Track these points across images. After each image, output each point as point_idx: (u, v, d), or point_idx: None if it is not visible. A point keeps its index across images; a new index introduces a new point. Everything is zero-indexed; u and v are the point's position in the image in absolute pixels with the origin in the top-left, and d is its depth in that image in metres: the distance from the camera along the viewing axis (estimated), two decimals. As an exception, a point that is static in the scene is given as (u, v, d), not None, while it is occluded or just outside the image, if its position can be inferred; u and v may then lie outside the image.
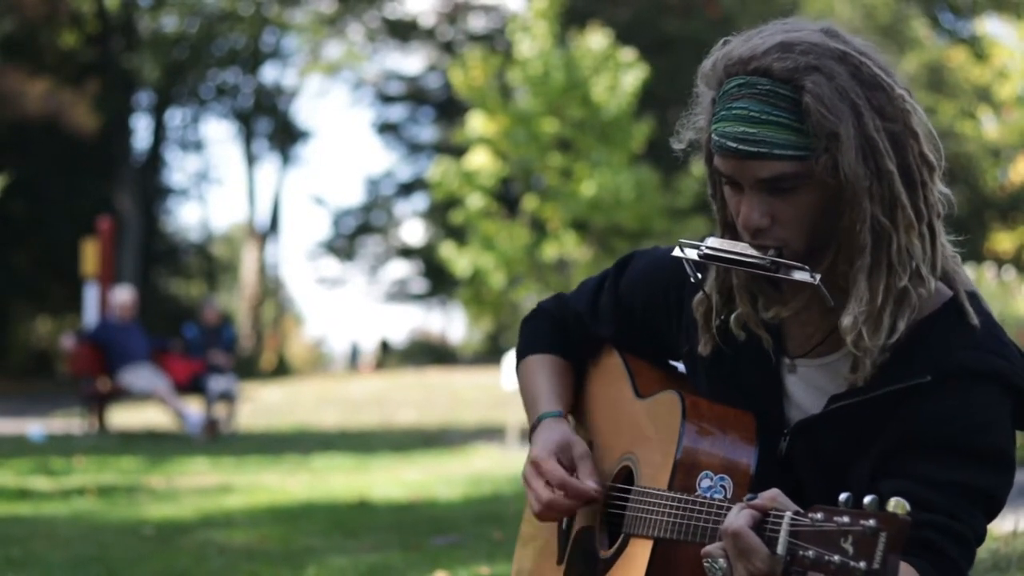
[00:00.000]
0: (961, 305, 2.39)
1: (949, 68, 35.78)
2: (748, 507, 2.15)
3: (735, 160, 2.34)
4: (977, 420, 2.32)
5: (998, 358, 2.35)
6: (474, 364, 36.44)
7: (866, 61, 2.34)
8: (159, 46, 36.60)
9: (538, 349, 2.95)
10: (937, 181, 2.40)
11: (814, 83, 2.28)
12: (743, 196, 2.37)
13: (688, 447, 2.50)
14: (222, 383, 16.04)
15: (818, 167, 2.29)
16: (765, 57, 2.32)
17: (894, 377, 2.34)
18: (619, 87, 22.40)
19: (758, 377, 2.54)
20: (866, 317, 2.32)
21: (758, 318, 2.51)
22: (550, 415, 2.82)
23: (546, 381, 2.89)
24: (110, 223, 19.85)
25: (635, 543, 2.55)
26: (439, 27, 44.74)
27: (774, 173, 2.31)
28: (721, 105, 2.36)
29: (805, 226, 2.35)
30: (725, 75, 2.37)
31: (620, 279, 2.83)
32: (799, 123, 2.29)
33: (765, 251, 2.37)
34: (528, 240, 22.32)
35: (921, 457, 2.31)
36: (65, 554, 6.39)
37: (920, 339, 2.35)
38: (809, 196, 2.33)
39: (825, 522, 1.96)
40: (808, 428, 2.47)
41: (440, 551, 6.43)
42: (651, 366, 2.80)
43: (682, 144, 2.52)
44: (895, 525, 1.89)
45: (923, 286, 2.34)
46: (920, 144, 2.35)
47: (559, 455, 2.72)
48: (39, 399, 24.92)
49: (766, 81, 2.31)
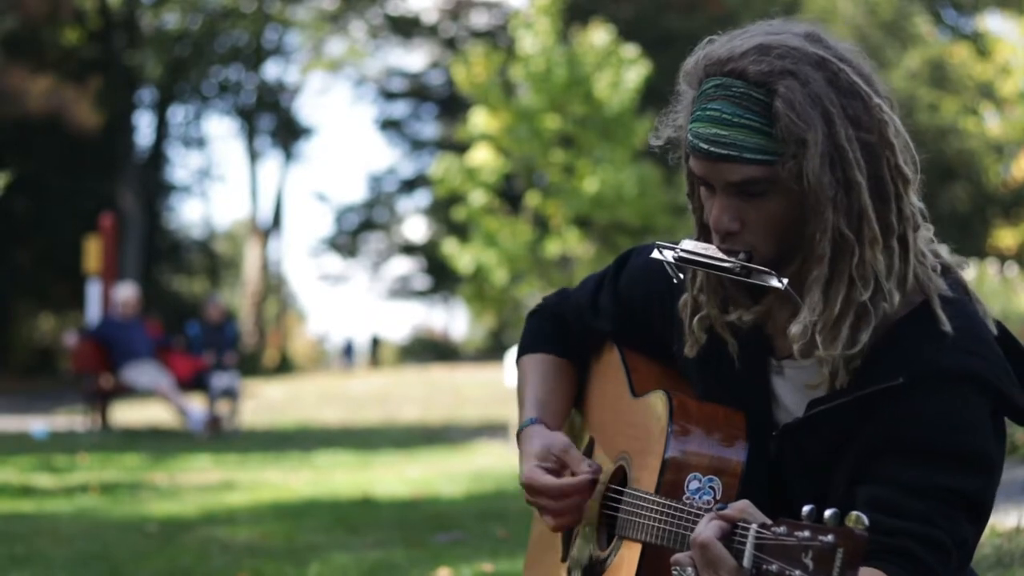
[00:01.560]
0: (933, 310, 2.34)
1: (952, 64, 35.76)
2: (717, 517, 2.14)
3: (707, 162, 2.33)
4: (953, 422, 2.28)
5: (973, 357, 2.31)
6: (477, 361, 36.46)
7: (845, 68, 2.31)
8: (161, 43, 36.62)
9: (536, 348, 2.95)
10: (912, 194, 2.35)
11: (787, 88, 2.26)
12: (715, 198, 2.37)
13: (675, 448, 2.49)
14: (225, 380, 16.04)
15: (783, 173, 2.28)
16: (742, 59, 2.31)
17: (868, 380, 2.32)
18: (621, 84, 22.38)
19: (745, 379, 2.53)
20: (822, 327, 2.30)
21: (724, 321, 2.50)
22: (525, 425, 2.83)
23: (533, 386, 2.89)
24: (113, 220, 19.86)
25: (626, 546, 2.56)
26: (441, 24, 44.74)
27: (743, 177, 2.30)
28: (698, 105, 2.36)
29: (773, 232, 2.34)
30: (704, 75, 2.36)
31: (619, 276, 2.83)
32: (769, 127, 2.28)
33: (735, 255, 2.35)
34: (531, 237, 22.30)
35: (896, 461, 2.29)
36: (68, 551, 6.40)
37: (892, 343, 2.32)
38: (778, 202, 2.32)
39: (787, 536, 1.97)
40: (792, 431, 2.45)
41: (443, 548, 6.43)
42: (649, 363, 2.79)
43: (659, 141, 2.51)
44: (852, 540, 1.90)
45: (886, 301, 2.30)
46: (895, 156, 2.31)
47: (544, 463, 2.72)
48: (42, 396, 24.94)
49: (740, 84, 2.30)
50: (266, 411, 20.15)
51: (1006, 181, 35.95)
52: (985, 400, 2.32)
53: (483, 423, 16.99)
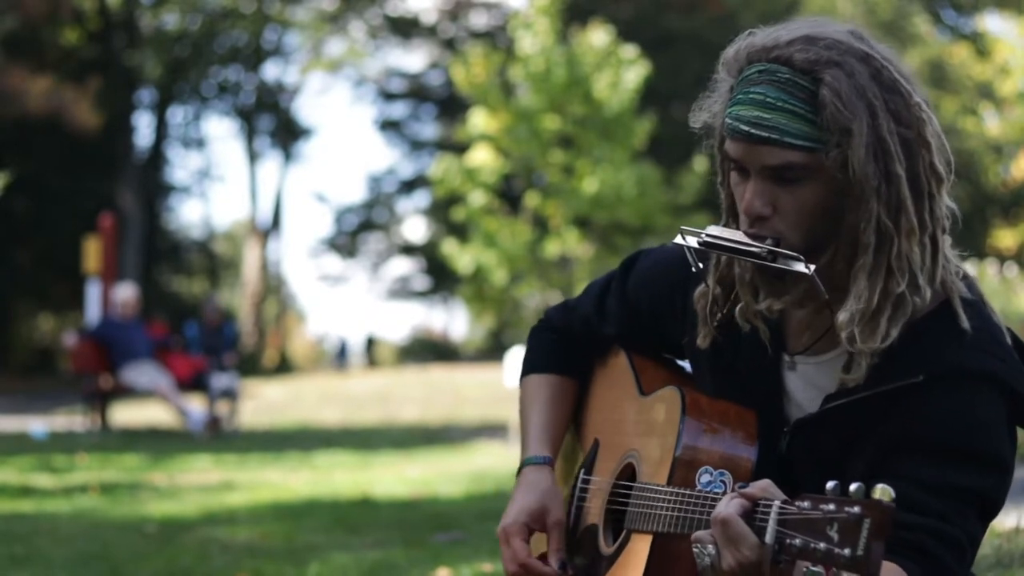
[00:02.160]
0: (954, 309, 2.36)
1: (951, 65, 35.80)
2: (739, 496, 2.14)
3: (745, 144, 2.34)
4: (970, 421, 2.30)
5: (993, 358, 2.33)
6: (476, 361, 36.48)
7: (888, 66, 2.33)
8: (161, 43, 36.63)
9: (539, 368, 2.96)
10: (945, 195, 2.37)
11: (833, 77, 2.28)
12: (749, 182, 2.37)
13: (688, 443, 2.50)
14: (224, 380, 16.05)
15: (828, 161, 2.28)
16: (788, 47, 2.33)
17: (887, 377, 2.33)
18: (621, 84, 22.39)
19: (757, 373, 2.54)
20: (861, 317, 2.31)
21: (755, 310, 2.50)
22: (533, 461, 2.84)
23: (538, 414, 2.91)
24: (112, 220, 19.86)
25: (636, 539, 2.56)
26: (441, 24, 44.76)
27: (782, 161, 2.31)
28: (739, 90, 2.36)
29: (805, 220, 2.34)
30: (747, 61, 2.37)
31: (627, 279, 2.83)
32: (814, 115, 2.29)
33: (762, 240, 2.35)
34: (530, 237, 22.31)
35: (913, 458, 2.30)
36: (68, 551, 6.40)
37: (913, 340, 2.33)
38: (813, 190, 2.32)
39: (812, 510, 1.96)
40: (805, 427, 2.46)
41: (442, 548, 6.43)
42: (657, 364, 2.80)
43: (698, 124, 2.51)
44: (879, 511, 1.88)
45: (919, 295, 2.32)
46: (932, 155, 2.34)
47: (531, 524, 2.76)
48: (41, 396, 24.95)
49: (786, 70, 2.31)
50: (266, 411, 20.16)
51: (1005, 181, 35.96)
52: (1002, 401, 2.33)
53: (483, 423, 16.99)
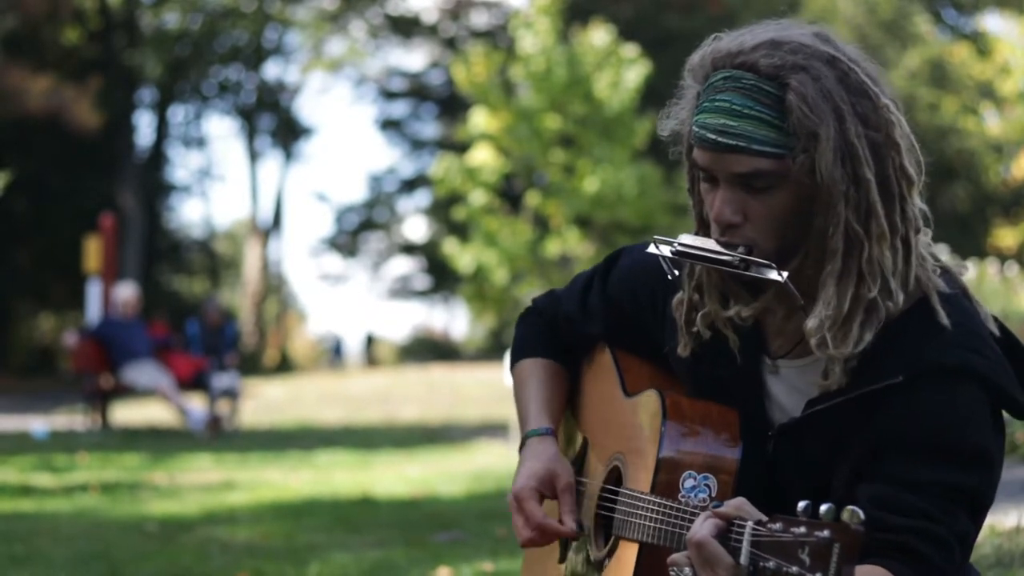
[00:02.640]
0: (932, 306, 2.34)
1: (952, 64, 35.78)
2: (713, 515, 2.14)
3: (713, 152, 2.32)
4: (952, 418, 2.29)
5: (972, 353, 2.31)
6: (477, 360, 36.45)
7: (855, 68, 2.31)
8: (161, 43, 36.61)
9: (530, 353, 2.94)
10: (915, 196, 2.35)
11: (799, 82, 2.26)
12: (718, 191, 2.36)
13: (670, 447, 2.49)
14: (225, 380, 16.05)
15: (795, 166, 2.27)
16: (753, 53, 2.31)
17: (867, 379, 2.32)
18: (621, 83, 22.40)
19: (739, 378, 2.53)
20: (832, 323, 2.30)
21: (724, 317, 2.49)
22: (536, 433, 2.82)
23: (536, 391, 2.88)
24: (113, 220, 19.86)
25: (624, 546, 2.56)
26: (442, 23, 44.73)
27: (750, 168, 2.30)
28: (705, 97, 2.35)
29: (776, 226, 2.33)
30: (712, 68, 2.36)
31: (608, 276, 2.81)
32: (780, 121, 2.28)
33: (734, 248, 2.34)
34: (531, 236, 22.33)
35: (897, 458, 2.29)
36: (68, 551, 6.39)
37: (892, 340, 2.32)
38: (783, 196, 2.31)
39: (783, 532, 1.97)
40: (789, 431, 2.45)
41: (443, 547, 6.43)
42: (641, 363, 2.78)
43: (666, 132, 2.50)
44: (848, 535, 1.90)
45: (891, 299, 2.31)
46: (901, 157, 2.32)
47: (541, 489, 2.73)
48: (42, 396, 24.94)
49: (751, 76, 2.30)
50: (266, 411, 20.16)
51: (1006, 181, 35.96)
52: (984, 396, 2.32)
53: (483, 423, 16.98)
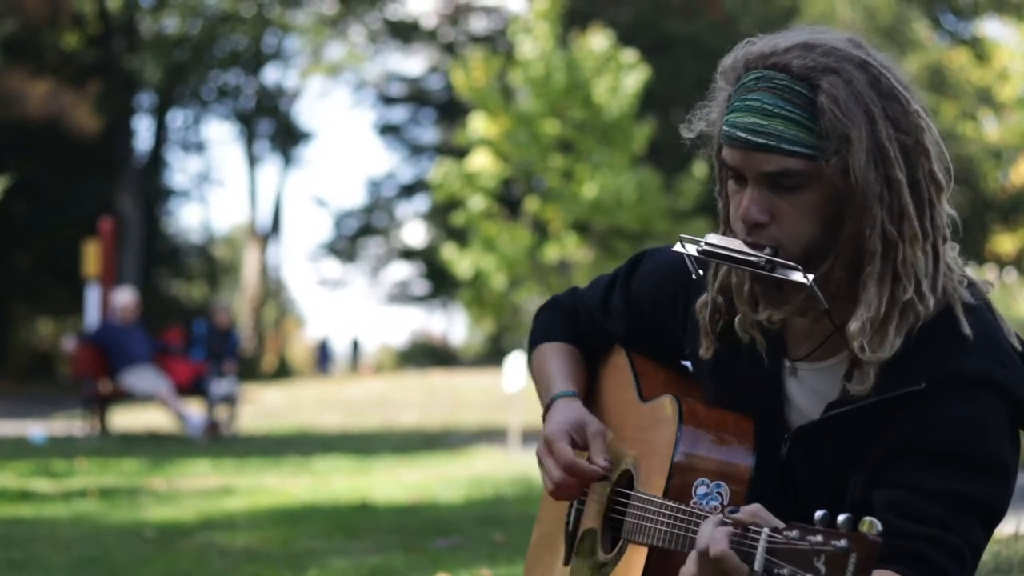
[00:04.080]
0: (955, 316, 2.35)
1: (950, 70, 35.79)
2: (727, 522, 2.14)
3: (742, 151, 2.33)
4: (972, 428, 2.29)
5: (994, 364, 2.32)
6: (475, 366, 36.45)
7: (886, 73, 2.33)
8: (161, 47, 36.62)
9: (551, 338, 2.95)
10: (945, 202, 2.36)
11: (831, 84, 2.28)
12: (746, 190, 2.36)
13: (684, 453, 2.49)
14: (224, 385, 16.04)
15: (828, 168, 2.28)
16: (786, 54, 2.32)
17: (889, 385, 2.32)
18: (620, 88, 22.41)
19: (759, 380, 2.53)
20: (871, 325, 2.31)
21: (754, 319, 2.50)
22: (564, 395, 2.81)
23: (560, 365, 2.88)
24: (112, 224, 19.86)
25: (632, 549, 2.56)
26: (440, 28, 44.77)
27: (779, 168, 2.30)
28: (737, 97, 2.36)
29: (804, 227, 2.33)
30: (744, 69, 2.37)
31: (631, 278, 2.82)
32: (812, 122, 2.28)
33: (760, 249, 2.35)
34: (530, 242, 22.32)
35: (915, 466, 2.29)
36: (66, 556, 6.39)
37: (915, 347, 2.33)
38: (812, 197, 2.32)
39: (799, 540, 1.97)
40: (807, 434, 2.45)
41: (441, 553, 6.43)
42: (658, 367, 2.80)
43: (692, 133, 2.50)
44: (865, 545, 1.90)
45: (924, 302, 2.31)
46: (931, 162, 2.33)
47: (572, 433, 2.71)
48: (40, 401, 24.93)
49: (783, 76, 2.31)
50: (265, 416, 20.15)
51: (1005, 186, 35.95)
52: (1004, 408, 2.32)
53: (482, 428, 16.98)
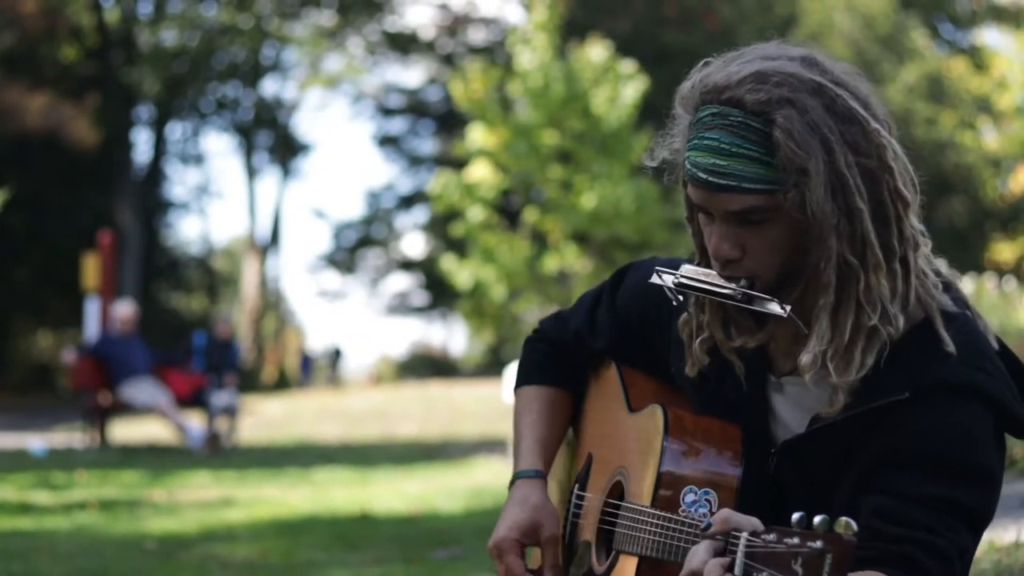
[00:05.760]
0: (936, 325, 2.36)
1: (949, 79, 35.86)
2: (709, 540, 2.14)
3: (706, 191, 2.34)
4: (956, 434, 2.30)
5: (977, 371, 2.33)
6: (475, 377, 36.45)
7: (842, 94, 2.32)
8: (159, 60, 36.62)
9: (534, 379, 2.95)
10: (912, 216, 2.36)
11: (785, 117, 2.27)
12: (715, 226, 2.38)
13: (671, 462, 2.50)
14: (224, 397, 16.04)
15: (786, 202, 2.28)
16: (739, 87, 2.31)
17: (873, 395, 2.33)
18: (619, 99, 22.42)
19: (744, 396, 2.54)
20: (833, 354, 2.32)
21: (730, 345, 2.51)
22: (525, 475, 2.82)
23: (531, 427, 2.89)
24: (111, 237, 19.87)
25: (624, 560, 2.57)
26: (439, 40, 44.81)
27: (743, 206, 2.31)
28: (695, 133, 2.36)
29: (775, 259, 2.35)
30: (700, 101, 2.37)
31: (616, 292, 2.83)
32: (769, 157, 2.28)
33: (736, 281, 2.36)
34: (529, 252, 22.32)
35: (901, 472, 2.30)
36: (67, 568, 6.39)
37: (897, 357, 2.34)
38: (778, 229, 2.33)
39: (777, 543, 1.98)
40: (793, 448, 2.46)
41: (442, 564, 6.43)
42: (647, 379, 2.80)
43: (654, 163, 2.51)
44: (840, 545, 1.91)
45: (891, 325, 2.32)
46: (895, 179, 2.32)
47: (523, 539, 2.74)
48: (40, 413, 24.92)
49: (738, 112, 2.31)
50: (264, 427, 20.15)
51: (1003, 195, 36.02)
52: (988, 413, 2.33)
53: (481, 439, 16.97)
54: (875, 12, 36.49)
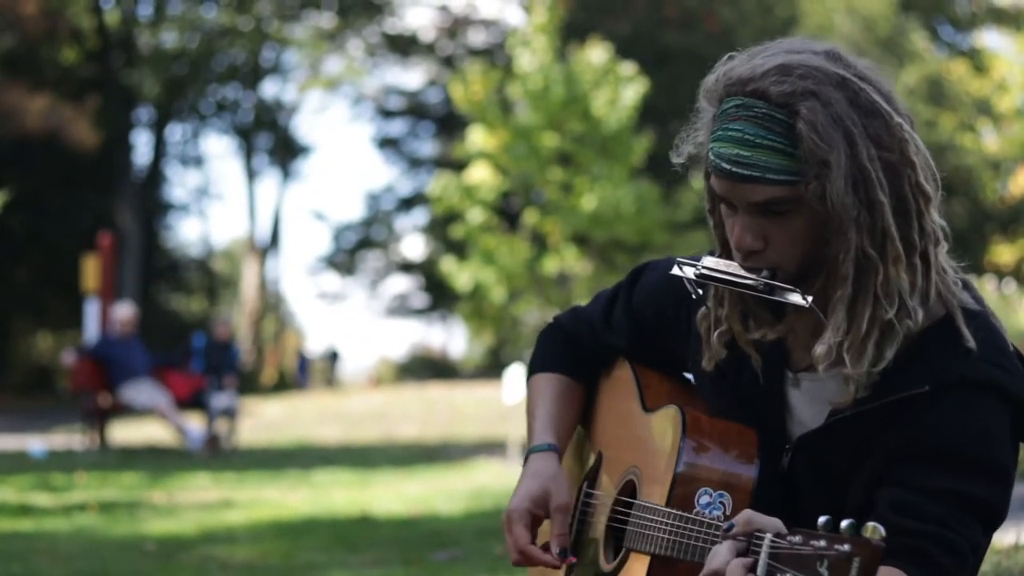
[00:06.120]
0: (956, 321, 2.37)
1: (949, 81, 35.82)
2: (731, 540, 2.14)
3: (729, 182, 2.35)
4: (973, 430, 2.31)
5: (996, 368, 2.34)
6: (475, 379, 36.43)
7: (866, 88, 2.33)
8: (159, 62, 36.63)
9: (547, 367, 2.95)
10: (933, 211, 2.38)
11: (809, 109, 2.28)
12: (737, 217, 2.38)
13: (687, 463, 2.50)
14: (224, 399, 16.04)
15: (807, 193, 2.30)
16: (763, 79, 2.32)
17: (893, 388, 2.34)
18: (619, 101, 22.42)
19: (761, 391, 2.55)
20: (849, 345, 2.33)
21: (748, 337, 2.52)
22: (539, 449, 2.83)
23: (544, 408, 2.90)
24: (111, 239, 19.87)
25: (634, 558, 2.56)
26: (439, 42, 44.80)
27: (766, 197, 2.32)
28: (719, 124, 2.37)
29: (797, 250, 2.36)
30: (724, 94, 2.38)
31: (633, 291, 2.84)
32: (793, 148, 2.29)
33: (758, 272, 2.37)
34: (529, 254, 22.32)
35: (917, 466, 2.31)
36: (66, 570, 6.39)
37: (917, 352, 2.35)
38: (801, 221, 2.34)
39: (803, 545, 1.98)
40: (810, 442, 2.47)
41: (442, 566, 6.43)
42: (662, 379, 2.81)
43: (681, 158, 2.52)
44: (868, 550, 1.91)
45: (910, 318, 2.33)
46: (916, 174, 2.34)
47: (534, 509, 2.74)
48: (40, 415, 24.91)
49: (762, 104, 2.32)
50: (264, 429, 20.14)
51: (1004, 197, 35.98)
52: (1007, 411, 2.35)
53: (481, 441, 16.97)
54: (875, 14, 36.47)
